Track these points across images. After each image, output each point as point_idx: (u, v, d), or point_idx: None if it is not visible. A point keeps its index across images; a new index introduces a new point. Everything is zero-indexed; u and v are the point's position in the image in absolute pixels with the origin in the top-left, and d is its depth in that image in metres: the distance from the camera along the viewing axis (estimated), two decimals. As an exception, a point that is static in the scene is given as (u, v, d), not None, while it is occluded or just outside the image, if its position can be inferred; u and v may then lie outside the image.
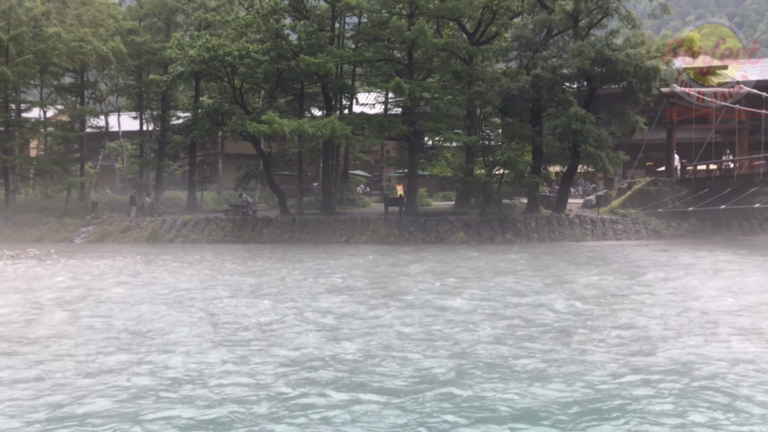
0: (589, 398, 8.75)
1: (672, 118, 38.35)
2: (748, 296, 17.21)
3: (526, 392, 8.99)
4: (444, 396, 8.73)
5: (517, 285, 19.07)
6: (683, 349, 11.42)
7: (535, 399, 8.73)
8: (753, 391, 9.06)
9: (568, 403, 8.51)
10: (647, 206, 35.74)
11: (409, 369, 10.07)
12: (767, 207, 33.47)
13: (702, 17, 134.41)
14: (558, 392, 8.95)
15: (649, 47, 34.07)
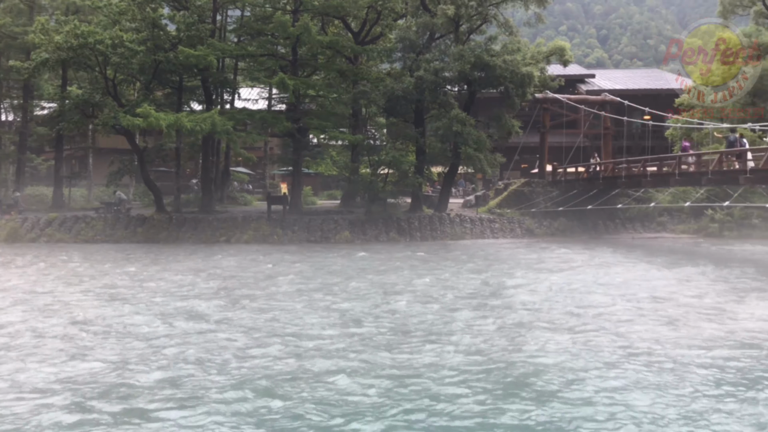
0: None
1: (545, 122, 40.45)
2: (612, 290, 18.39)
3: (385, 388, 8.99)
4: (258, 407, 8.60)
5: (382, 281, 19.26)
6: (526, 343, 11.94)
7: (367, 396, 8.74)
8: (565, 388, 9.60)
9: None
10: (522, 206, 37.45)
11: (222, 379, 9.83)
12: (629, 207, 36.05)
13: (573, 28, 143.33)
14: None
15: (525, 54, 35.70)
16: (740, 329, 13.30)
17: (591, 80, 54.10)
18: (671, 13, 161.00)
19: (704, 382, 9.87)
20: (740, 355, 11.27)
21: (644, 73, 64.98)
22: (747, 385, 9.70)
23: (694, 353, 11.40)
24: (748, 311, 15.23)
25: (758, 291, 18.02)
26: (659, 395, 9.21)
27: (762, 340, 12.38)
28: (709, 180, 27.45)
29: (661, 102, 43.76)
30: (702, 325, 13.71)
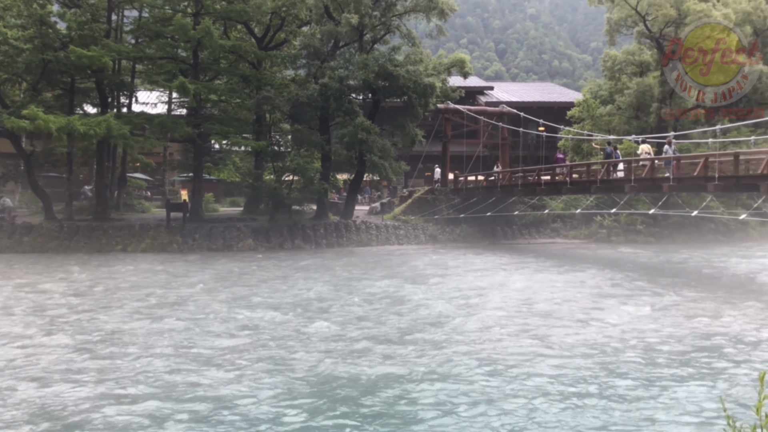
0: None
1: (447, 132, 41.57)
2: (508, 292, 19.14)
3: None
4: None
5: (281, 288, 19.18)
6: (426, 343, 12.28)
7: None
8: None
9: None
10: (425, 213, 38.27)
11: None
12: (525, 214, 37.64)
13: (473, 41, 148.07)
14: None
15: (427, 65, 36.57)
16: (599, 335, 13.76)
17: (490, 92, 56.17)
18: (564, 30, 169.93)
19: (536, 391, 10.04)
20: (583, 365, 11.49)
21: (539, 86, 68.22)
22: (579, 394, 9.92)
23: (538, 361, 11.69)
24: (615, 317, 15.78)
25: (631, 296, 19.00)
26: (486, 409, 9.26)
27: (614, 348, 12.72)
28: (598, 188, 29.19)
29: (555, 114, 46.16)
30: (557, 332, 14.03)
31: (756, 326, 14.80)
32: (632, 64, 43.30)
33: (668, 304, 17.57)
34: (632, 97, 40.47)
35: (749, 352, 12.47)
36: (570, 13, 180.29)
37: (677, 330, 14.42)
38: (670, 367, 11.46)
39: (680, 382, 10.61)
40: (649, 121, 40.51)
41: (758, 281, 22.86)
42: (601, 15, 46.57)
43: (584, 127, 41.70)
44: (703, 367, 11.46)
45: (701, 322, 15.26)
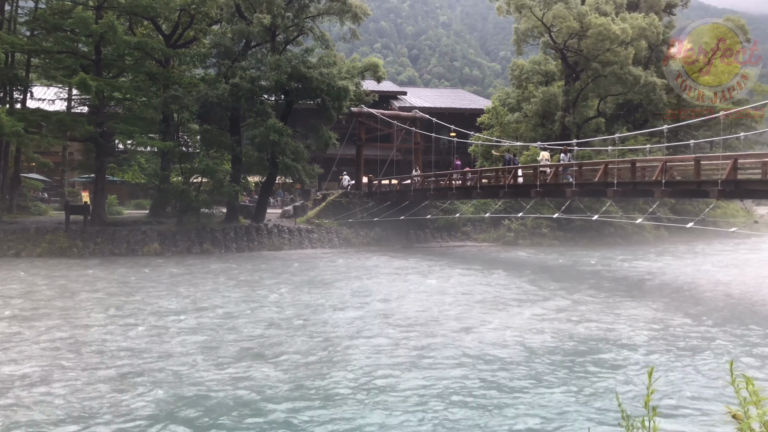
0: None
1: (361, 135, 41.67)
2: (410, 297, 19.34)
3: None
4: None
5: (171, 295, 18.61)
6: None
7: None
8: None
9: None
10: (339, 216, 38.16)
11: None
12: (437, 218, 38.26)
13: (387, 46, 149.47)
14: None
15: (341, 68, 36.51)
16: (489, 337, 13.97)
17: (403, 97, 56.81)
18: (474, 38, 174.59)
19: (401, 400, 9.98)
20: (460, 374, 11.40)
21: (451, 92, 69.69)
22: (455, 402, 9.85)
23: (412, 368, 11.65)
24: (503, 322, 15.90)
25: (529, 298, 19.52)
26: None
27: (487, 355, 12.68)
28: (506, 193, 30.07)
29: (465, 120, 47.28)
30: (440, 338, 13.95)
31: (639, 328, 15.55)
32: (538, 74, 45.01)
33: (563, 306, 18.19)
34: (538, 106, 42.04)
35: (628, 353, 13.00)
36: (480, 22, 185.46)
37: (569, 331, 14.99)
38: (553, 367, 11.85)
39: (556, 384, 10.99)
40: (554, 129, 42.20)
41: (650, 284, 24.20)
42: (510, 25, 48.18)
43: (493, 133, 42.94)
44: (582, 369, 11.91)
45: (590, 324, 15.90)
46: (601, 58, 39.14)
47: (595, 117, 44.09)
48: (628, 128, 41.71)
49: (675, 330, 15.17)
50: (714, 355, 12.74)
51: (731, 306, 18.93)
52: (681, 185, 22.57)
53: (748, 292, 21.88)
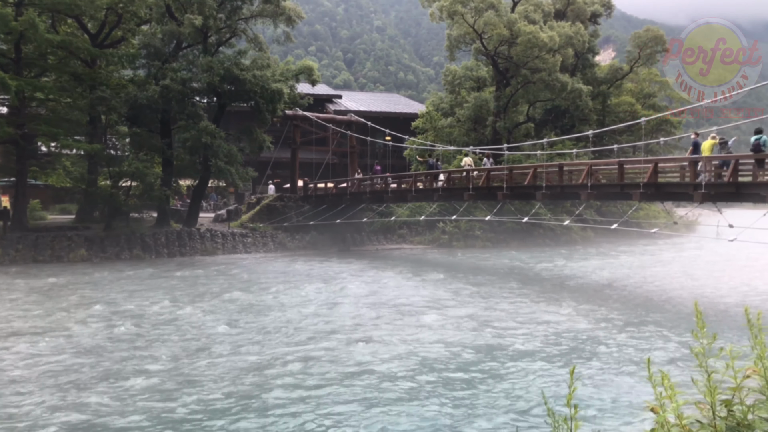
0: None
1: (296, 139, 41.41)
2: (338, 301, 19.38)
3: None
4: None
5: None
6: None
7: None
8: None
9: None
10: (274, 220, 37.77)
11: None
12: (373, 221, 38.42)
13: (321, 50, 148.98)
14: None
15: (275, 71, 36.17)
16: (368, 355, 13.35)
17: (338, 101, 56.81)
18: (408, 43, 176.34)
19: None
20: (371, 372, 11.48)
21: (386, 96, 70.16)
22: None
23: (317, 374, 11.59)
24: (406, 331, 15.68)
25: (442, 304, 19.54)
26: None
27: (373, 369, 12.30)
28: (440, 196, 30.56)
29: (400, 124, 47.70)
30: (313, 353, 13.55)
31: (558, 328, 16.13)
32: (471, 79, 45.93)
33: (478, 311, 18.32)
34: (470, 111, 42.89)
35: (541, 356, 13.45)
36: (414, 27, 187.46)
37: (475, 338, 15.34)
38: (443, 379, 11.67)
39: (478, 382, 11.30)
40: (486, 134, 43.15)
41: (572, 284, 25.08)
42: (443, 31, 48.92)
43: (428, 137, 43.50)
44: (479, 377, 12.25)
45: (507, 329, 16.36)
46: (530, 64, 40.29)
47: (525, 122, 45.34)
48: (556, 133, 43.09)
49: (594, 330, 15.76)
50: (634, 352, 13.34)
51: (649, 304, 19.85)
52: (605, 188, 23.51)
53: (666, 290, 22.98)
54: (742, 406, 2.57)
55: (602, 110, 49.89)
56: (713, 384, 2.55)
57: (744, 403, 2.58)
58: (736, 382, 2.58)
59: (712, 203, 20.90)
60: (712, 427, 2.57)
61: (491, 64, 43.94)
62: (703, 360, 2.62)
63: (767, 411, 2.51)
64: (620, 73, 51.87)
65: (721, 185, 19.02)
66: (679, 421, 2.61)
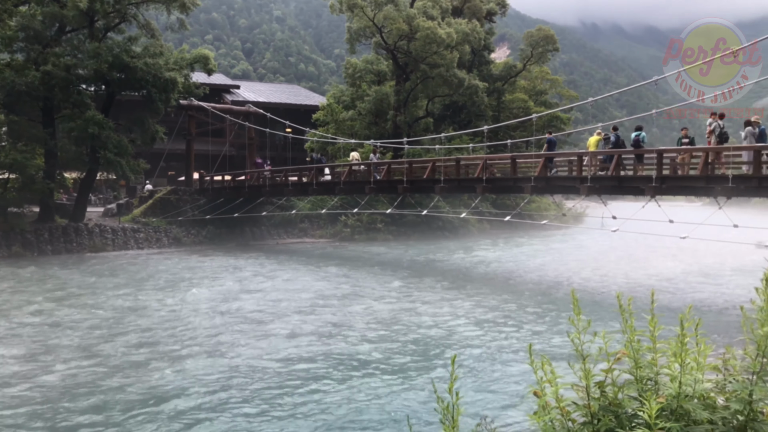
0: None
1: (191, 130, 40.04)
2: (230, 298, 19.01)
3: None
4: None
5: None
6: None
7: None
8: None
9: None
10: (168, 214, 36.37)
11: None
12: (273, 215, 37.85)
13: (219, 38, 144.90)
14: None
15: (168, 59, 34.72)
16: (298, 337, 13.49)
17: (236, 91, 55.42)
18: (309, 35, 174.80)
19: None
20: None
21: (286, 88, 69.22)
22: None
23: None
24: (319, 319, 15.62)
25: (356, 292, 19.85)
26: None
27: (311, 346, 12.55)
28: (341, 190, 30.54)
29: (301, 116, 47.20)
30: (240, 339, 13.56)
31: (448, 317, 16.58)
32: (371, 73, 46.13)
33: (366, 305, 18.40)
34: (371, 104, 43.11)
35: (436, 343, 13.94)
36: (315, 18, 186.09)
37: (385, 322, 15.62)
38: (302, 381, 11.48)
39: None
40: (387, 127, 43.54)
41: (465, 274, 25.86)
42: (344, 23, 48.84)
43: (329, 130, 43.32)
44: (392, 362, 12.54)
45: (408, 314, 16.74)
46: (429, 60, 41.00)
47: (424, 117, 46.14)
48: (454, 128, 44.14)
49: (485, 319, 16.30)
50: (522, 339, 13.90)
51: (537, 292, 20.79)
52: (500, 182, 24.36)
53: (552, 278, 24.16)
54: (614, 387, 2.70)
55: (497, 106, 51.62)
56: (587, 367, 2.66)
57: (615, 383, 2.70)
58: (608, 364, 2.71)
59: (597, 196, 22.16)
60: (587, 407, 2.67)
61: (391, 59, 44.33)
62: (579, 345, 2.72)
63: (635, 390, 2.64)
64: (514, 70, 53.85)
65: (605, 179, 20.18)
66: (558, 403, 2.69)
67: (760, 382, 2.54)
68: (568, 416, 2.66)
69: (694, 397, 2.57)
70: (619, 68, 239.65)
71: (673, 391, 2.53)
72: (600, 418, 2.61)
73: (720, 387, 2.72)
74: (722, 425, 2.52)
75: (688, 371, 2.54)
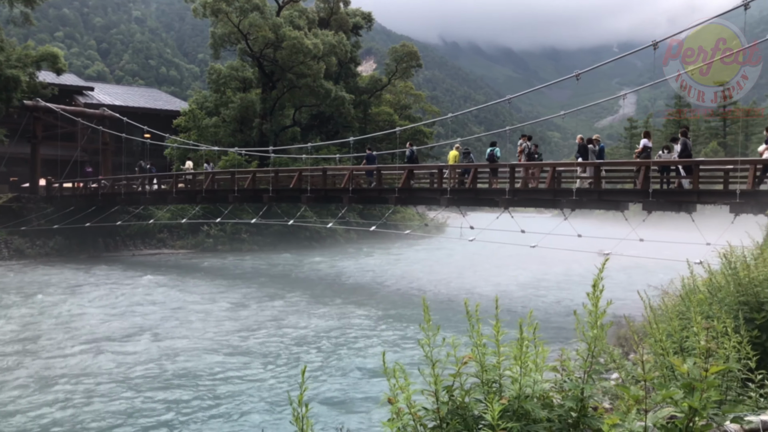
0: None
1: (36, 132, 37.01)
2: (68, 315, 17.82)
3: None
4: None
5: None
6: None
7: None
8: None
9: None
10: (10, 224, 33.26)
11: None
12: (129, 224, 35.79)
13: (71, 36, 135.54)
14: None
15: (10, 55, 31.93)
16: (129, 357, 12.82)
17: (90, 93, 51.95)
18: (171, 38, 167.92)
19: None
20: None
21: (145, 91, 65.99)
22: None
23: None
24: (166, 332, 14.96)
25: (206, 307, 19.10)
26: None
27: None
28: (203, 198, 29.54)
29: (161, 122, 45.13)
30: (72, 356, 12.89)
31: (306, 328, 16.59)
32: (236, 80, 45.12)
33: (249, 310, 18.52)
34: (236, 111, 42.17)
35: (288, 356, 13.82)
36: (177, 21, 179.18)
37: (242, 334, 15.38)
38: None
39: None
40: (253, 135, 42.79)
41: (337, 283, 26.03)
42: (208, 27, 47.44)
43: (191, 136, 41.79)
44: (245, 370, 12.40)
45: (264, 325, 16.55)
46: (296, 69, 40.87)
47: (291, 126, 45.88)
48: (321, 138, 44.27)
49: (345, 328, 16.42)
50: (377, 346, 14.15)
51: (396, 299, 21.31)
52: (365, 192, 24.72)
53: (411, 285, 24.89)
54: (462, 391, 2.81)
55: (364, 118, 52.43)
56: (436, 373, 2.75)
57: (463, 387, 2.82)
58: (456, 368, 2.82)
59: (457, 207, 23.13)
60: (437, 412, 2.76)
61: (257, 66, 43.70)
62: (429, 351, 2.81)
63: (481, 393, 2.77)
64: (380, 84, 55.02)
65: (463, 191, 21.12)
66: (410, 409, 2.76)
67: (590, 380, 2.76)
68: (419, 421, 2.73)
69: (534, 397, 2.74)
70: (478, 86, 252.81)
71: (514, 392, 2.68)
72: (448, 422, 2.71)
73: (559, 386, 2.92)
74: (558, 422, 2.70)
75: (527, 373, 2.71)
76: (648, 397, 2.50)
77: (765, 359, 4.33)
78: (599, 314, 2.72)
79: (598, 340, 2.73)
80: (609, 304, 2.76)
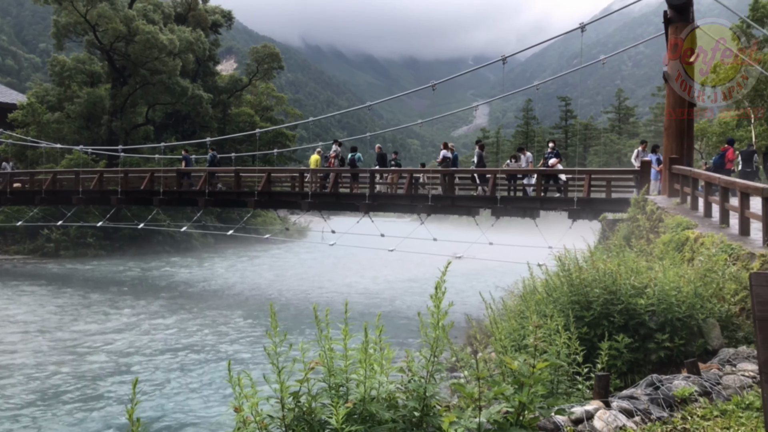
0: None
1: None
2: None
3: None
4: None
5: None
6: None
7: None
8: None
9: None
10: None
11: None
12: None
13: None
14: None
15: None
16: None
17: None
18: (8, 24, 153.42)
19: None
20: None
21: (-25, 81, 59.71)
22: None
23: None
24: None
25: (40, 317, 17.96)
26: None
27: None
28: (43, 200, 27.26)
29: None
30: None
31: (149, 339, 15.81)
32: (83, 73, 42.10)
33: (88, 320, 17.32)
34: (83, 107, 39.35)
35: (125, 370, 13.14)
36: (16, 7, 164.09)
37: (77, 347, 14.45)
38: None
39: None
40: (101, 133, 40.14)
41: (188, 290, 25.06)
42: (51, 15, 43.89)
43: (29, 132, 38.37)
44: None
45: (102, 336, 15.60)
46: (150, 65, 38.90)
47: (144, 124, 43.57)
48: (176, 138, 42.42)
49: (192, 337, 15.86)
50: (225, 354, 13.77)
51: (249, 305, 20.95)
52: (223, 195, 24.05)
53: (266, 291, 24.58)
54: (309, 396, 2.80)
55: (223, 118, 50.95)
56: (282, 379, 2.72)
57: (311, 392, 2.81)
58: (303, 374, 2.80)
59: (318, 211, 23.15)
60: (282, 419, 2.73)
61: (107, 60, 41.06)
62: (275, 357, 2.78)
63: (328, 397, 2.78)
64: (240, 84, 53.79)
65: (324, 195, 21.20)
66: (256, 417, 2.71)
67: (432, 379, 2.86)
68: (265, 429, 2.69)
69: (380, 399, 2.79)
70: (341, 91, 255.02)
71: (359, 395, 2.71)
72: (294, 428, 2.69)
73: (405, 387, 3.00)
74: (402, 422, 2.77)
75: (373, 375, 2.75)
76: (482, 394, 2.63)
77: (592, 353, 4.74)
78: (441, 315, 2.83)
79: (440, 341, 2.84)
80: (450, 305, 2.88)
